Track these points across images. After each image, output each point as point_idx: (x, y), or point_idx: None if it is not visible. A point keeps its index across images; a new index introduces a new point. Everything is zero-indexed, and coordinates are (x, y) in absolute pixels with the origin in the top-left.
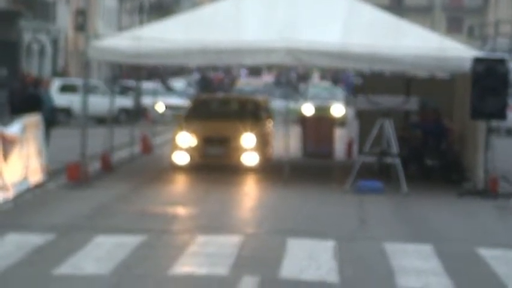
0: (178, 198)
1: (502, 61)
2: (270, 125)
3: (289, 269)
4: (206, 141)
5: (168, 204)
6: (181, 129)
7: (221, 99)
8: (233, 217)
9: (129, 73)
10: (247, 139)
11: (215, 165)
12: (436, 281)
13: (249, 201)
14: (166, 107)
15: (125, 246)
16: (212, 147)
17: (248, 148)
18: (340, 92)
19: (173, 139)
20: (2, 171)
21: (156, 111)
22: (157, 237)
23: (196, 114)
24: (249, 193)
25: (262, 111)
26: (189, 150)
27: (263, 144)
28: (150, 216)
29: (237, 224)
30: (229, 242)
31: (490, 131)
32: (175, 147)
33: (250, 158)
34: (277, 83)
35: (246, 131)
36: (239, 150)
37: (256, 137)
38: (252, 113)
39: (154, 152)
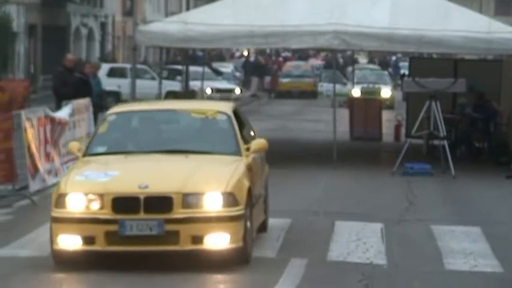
0: None
1: None
2: (256, 161)
3: (337, 251)
4: (122, 207)
5: None
6: (72, 184)
7: (159, 112)
8: (281, 200)
9: (170, 59)
10: (210, 200)
11: (143, 255)
12: (484, 263)
13: (297, 184)
14: (212, 91)
15: None
16: (135, 218)
17: (211, 218)
18: (387, 75)
19: (54, 201)
20: (51, 155)
21: (206, 94)
22: None
23: (108, 145)
24: (297, 176)
25: (240, 131)
26: (86, 225)
27: (243, 205)
28: None
29: (285, 207)
30: (278, 225)
31: None
32: (58, 220)
33: (215, 239)
34: (327, 66)
35: (207, 183)
36: (192, 223)
37: (228, 194)
38: (220, 139)
39: None
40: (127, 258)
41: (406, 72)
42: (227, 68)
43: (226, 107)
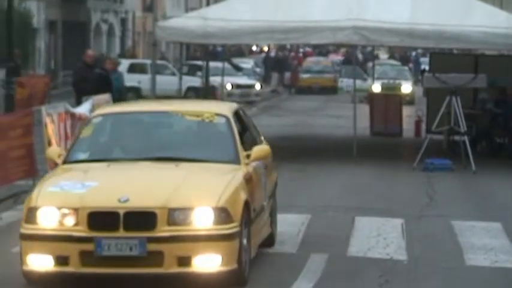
0: None
1: None
2: (258, 170)
3: (357, 246)
4: (99, 223)
5: None
6: (44, 197)
7: (149, 114)
8: (302, 196)
9: (190, 54)
10: (199, 216)
11: (122, 278)
12: (505, 259)
13: (317, 180)
14: (233, 86)
15: None
16: (113, 236)
17: (200, 237)
18: (408, 70)
19: (24, 215)
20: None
21: (226, 89)
22: None
23: (91, 151)
24: (317, 171)
25: (241, 136)
26: (59, 244)
27: (238, 222)
28: None
29: (305, 202)
30: (298, 220)
31: None
32: (28, 237)
33: (205, 261)
34: (346, 62)
35: (196, 196)
36: (179, 243)
37: (221, 209)
38: (217, 145)
39: None
40: (104, 281)
41: (427, 68)
42: (247, 63)
43: (227, 108)
